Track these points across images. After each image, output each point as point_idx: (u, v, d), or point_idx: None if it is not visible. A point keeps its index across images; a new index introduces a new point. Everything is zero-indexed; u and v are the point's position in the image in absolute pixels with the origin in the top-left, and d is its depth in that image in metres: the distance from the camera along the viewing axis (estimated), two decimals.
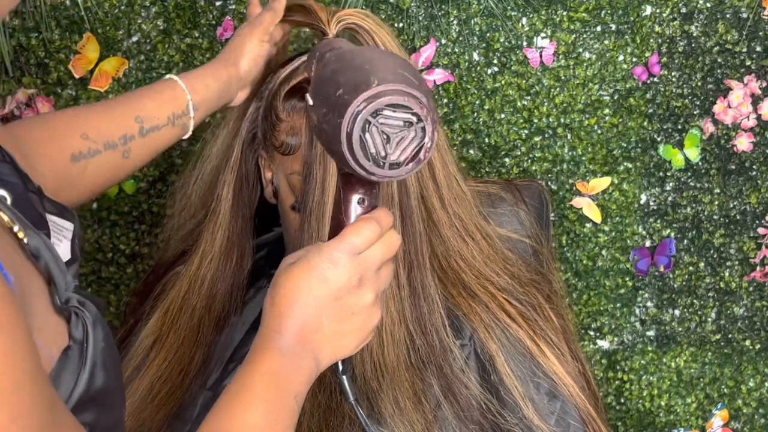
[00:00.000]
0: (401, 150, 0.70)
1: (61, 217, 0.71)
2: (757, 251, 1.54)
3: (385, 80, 0.69)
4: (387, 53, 0.75)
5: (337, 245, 0.75)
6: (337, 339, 0.76)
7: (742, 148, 1.50)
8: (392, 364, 0.98)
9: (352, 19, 0.99)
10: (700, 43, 1.46)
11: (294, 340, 0.74)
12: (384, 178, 0.71)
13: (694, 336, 1.57)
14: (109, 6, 1.40)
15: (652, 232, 1.53)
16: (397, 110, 0.69)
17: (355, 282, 0.75)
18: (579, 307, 1.55)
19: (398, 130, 0.69)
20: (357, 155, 0.69)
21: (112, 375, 0.63)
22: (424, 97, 0.69)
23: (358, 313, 0.76)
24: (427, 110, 0.69)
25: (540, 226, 1.22)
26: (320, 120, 0.72)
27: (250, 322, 1.12)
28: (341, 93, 0.69)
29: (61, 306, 0.62)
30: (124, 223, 1.47)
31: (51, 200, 0.72)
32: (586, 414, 1.03)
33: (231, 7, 1.40)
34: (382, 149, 0.69)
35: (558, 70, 1.46)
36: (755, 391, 1.59)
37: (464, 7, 1.42)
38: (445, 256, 1.04)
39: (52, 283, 0.62)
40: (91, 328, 0.62)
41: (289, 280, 0.75)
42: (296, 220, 1.01)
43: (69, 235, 0.70)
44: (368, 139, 0.69)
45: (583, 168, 1.50)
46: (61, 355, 0.60)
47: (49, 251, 0.62)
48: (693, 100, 1.48)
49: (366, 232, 0.75)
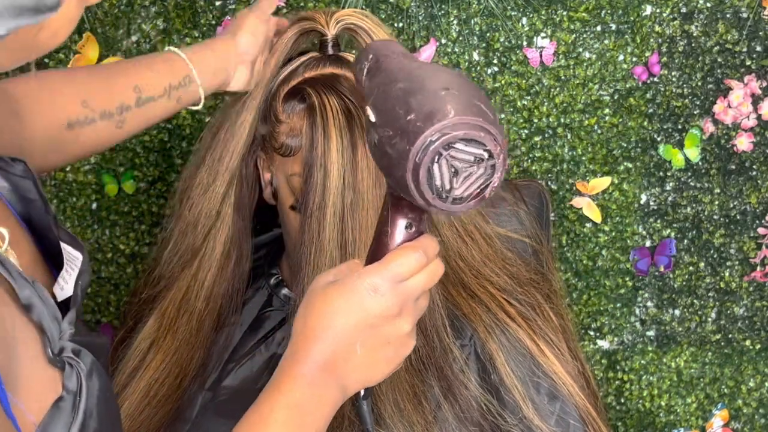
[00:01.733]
0: (467, 185, 0.67)
1: (72, 245, 0.69)
2: (757, 251, 1.54)
3: (462, 112, 0.65)
4: (461, 78, 0.71)
5: (381, 272, 0.71)
6: (367, 368, 0.73)
7: (742, 147, 1.50)
8: None
9: (350, 19, 1.00)
10: (700, 43, 1.46)
11: (322, 367, 0.71)
12: (443, 211, 0.68)
13: (695, 336, 1.57)
14: (109, 6, 1.40)
15: (652, 232, 1.53)
16: (470, 145, 0.65)
17: (395, 311, 0.72)
18: (579, 307, 1.55)
19: (468, 165, 0.66)
20: (421, 185, 0.66)
21: (106, 423, 0.62)
22: (499, 134, 0.66)
23: (392, 342, 0.73)
24: (500, 148, 0.66)
25: (540, 226, 1.22)
26: (383, 142, 0.68)
27: (249, 322, 1.12)
28: (413, 119, 0.66)
29: (53, 357, 0.60)
30: (124, 223, 1.47)
31: (63, 229, 0.71)
32: (585, 413, 1.03)
33: (231, 6, 1.40)
34: (448, 183, 0.66)
35: (558, 70, 1.46)
36: (755, 391, 1.59)
37: (464, 6, 1.42)
38: (444, 257, 1.04)
39: (44, 334, 0.61)
40: (86, 378, 0.61)
41: (326, 303, 0.72)
42: (296, 222, 1.01)
43: (78, 267, 0.68)
44: (436, 171, 0.65)
45: (583, 168, 1.50)
46: (52, 407, 0.59)
47: (42, 301, 0.61)
48: (693, 100, 1.48)
49: (412, 261, 0.71)
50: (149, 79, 0.94)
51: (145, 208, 1.46)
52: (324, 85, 0.99)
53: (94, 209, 1.47)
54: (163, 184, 1.46)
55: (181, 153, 1.45)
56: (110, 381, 0.65)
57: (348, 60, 1.02)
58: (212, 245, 1.07)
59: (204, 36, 1.41)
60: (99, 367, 0.63)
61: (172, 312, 1.07)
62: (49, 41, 0.59)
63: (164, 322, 1.07)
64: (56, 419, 0.59)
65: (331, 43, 1.02)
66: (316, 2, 1.40)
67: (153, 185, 1.46)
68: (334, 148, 0.94)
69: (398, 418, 0.97)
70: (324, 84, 0.99)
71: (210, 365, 1.09)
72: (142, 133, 1.44)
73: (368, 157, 0.95)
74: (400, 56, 0.76)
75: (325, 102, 0.97)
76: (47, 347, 0.60)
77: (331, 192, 0.94)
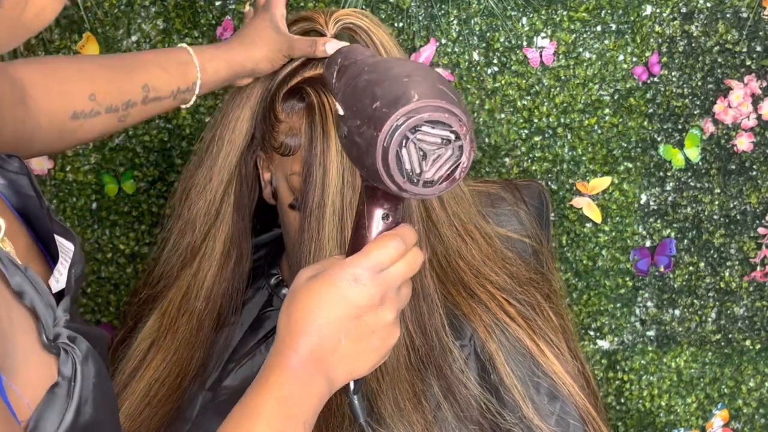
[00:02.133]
0: (437, 168, 0.68)
1: (65, 237, 0.69)
2: (757, 251, 1.54)
3: (426, 95, 0.66)
4: (424, 66, 0.73)
5: (360, 262, 0.72)
6: (353, 359, 0.73)
7: (742, 147, 1.50)
8: (392, 365, 0.98)
9: (349, 19, 1.00)
10: (700, 43, 1.46)
11: (309, 359, 0.71)
12: (416, 195, 0.69)
13: (695, 336, 1.57)
14: (109, 6, 1.40)
15: (652, 232, 1.53)
16: (436, 127, 0.66)
17: (377, 301, 0.72)
18: (579, 307, 1.55)
19: (436, 147, 0.67)
20: (392, 171, 0.67)
21: (102, 409, 0.62)
22: (464, 115, 0.67)
23: (377, 332, 0.73)
24: (466, 129, 0.67)
25: (540, 226, 1.22)
26: (352, 132, 0.70)
27: (249, 322, 1.12)
28: (378, 105, 0.67)
29: (48, 343, 0.61)
30: (124, 223, 1.47)
31: (56, 220, 0.71)
32: (585, 413, 1.03)
33: (231, 6, 1.40)
34: (418, 166, 0.67)
35: (558, 70, 1.46)
36: (755, 391, 1.59)
37: (464, 6, 1.42)
38: (444, 256, 1.04)
39: (39, 320, 0.61)
40: (81, 364, 0.61)
41: (309, 297, 0.72)
42: (296, 221, 1.01)
43: (70, 258, 0.68)
44: (404, 155, 0.67)
45: (583, 168, 1.50)
46: (47, 393, 0.60)
47: (34, 287, 0.61)
48: (693, 100, 1.48)
49: (390, 250, 0.72)
50: (160, 81, 0.95)
51: (145, 208, 1.46)
52: (323, 84, 0.99)
53: (94, 209, 1.47)
54: (163, 184, 1.46)
55: (181, 153, 1.45)
56: (107, 368, 0.65)
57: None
58: (212, 245, 1.07)
59: (204, 36, 1.42)
60: (95, 354, 0.63)
61: (172, 312, 1.07)
62: (35, 20, 0.59)
63: (164, 322, 1.07)
64: (51, 405, 0.59)
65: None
66: (316, 2, 1.41)
67: (153, 185, 1.46)
68: (333, 147, 0.95)
69: (398, 418, 0.97)
70: (323, 83, 0.99)
71: (210, 365, 1.09)
72: (143, 133, 1.46)
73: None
74: (367, 56, 0.77)
75: (324, 101, 0.97)
76: (42, 333, 0.61)
77: (330, 191, 0.94)
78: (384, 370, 0.98)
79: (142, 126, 1.45)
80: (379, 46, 1.01)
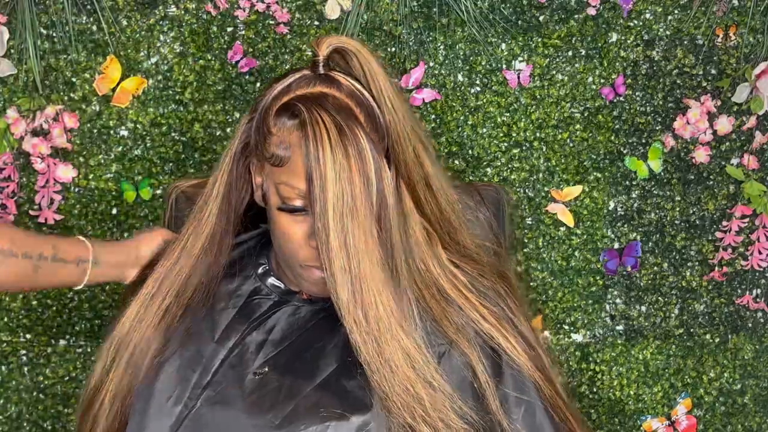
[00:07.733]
0: None
1: None
2: (715, 253, 1.55)
3: None
4: None
5: None
6: None
7: (700, 160, 1.51)
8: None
9: (340, 44, 1.03)
10: (660, 67, 1.49)
11: None
12: None
13: (659, 330, 1.58)
14: (131, 31, 1.43)
15: (620, 236, 1.54)
16: None
17: None
18: (554, 304, 1.55)
19: None
20: None
21: None
22: None
23: None
24: None
25: (498, 226, 1.22)
26: None
27: (238, 307, 1.13)
28: None
29: None
30: (141, 226, 1.50)
31: None
32: (549, 396, 1.05)
33: (241, 33, 1.44)
34: None
35: (534, 90, 1.48)
36: (716, 381, 1.60)
37: (450, 34, 1.44)
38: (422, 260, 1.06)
39: None
40: None
41: None
42: (286, 222, 1.03)
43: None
44: None
45: (557, 177, 1.51)
46: None
47: None
48: (655, 117, 1.51)
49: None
50: (65, 246, 1.05)
51: (160, 213, 1.49)
52: (314, 102, 0.99)
53: (114, 214, 1.50)
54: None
55: (194, 163, 1.48)
56: None
57: (337, 80, 1.03)
58: (194, 242, 1.08)
59: (216, 58, 1.44)
60: None
61: (147, 301, 1.09)
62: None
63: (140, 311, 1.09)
64: None
65: (322, 63, 1.03)
66: (318, 29, 1.43)
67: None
68: (329, 156, 0.96)
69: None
70: (314, 101, 1.00)
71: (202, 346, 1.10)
72: (159, 144, 1.47)
73: (360, 162, 0.96)
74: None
75: (315, 116, 0.98)
76: None
77: (329, 198, 0.96)
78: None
79: (159, 138, 1.48)
80: (367, 71, 1.03)
